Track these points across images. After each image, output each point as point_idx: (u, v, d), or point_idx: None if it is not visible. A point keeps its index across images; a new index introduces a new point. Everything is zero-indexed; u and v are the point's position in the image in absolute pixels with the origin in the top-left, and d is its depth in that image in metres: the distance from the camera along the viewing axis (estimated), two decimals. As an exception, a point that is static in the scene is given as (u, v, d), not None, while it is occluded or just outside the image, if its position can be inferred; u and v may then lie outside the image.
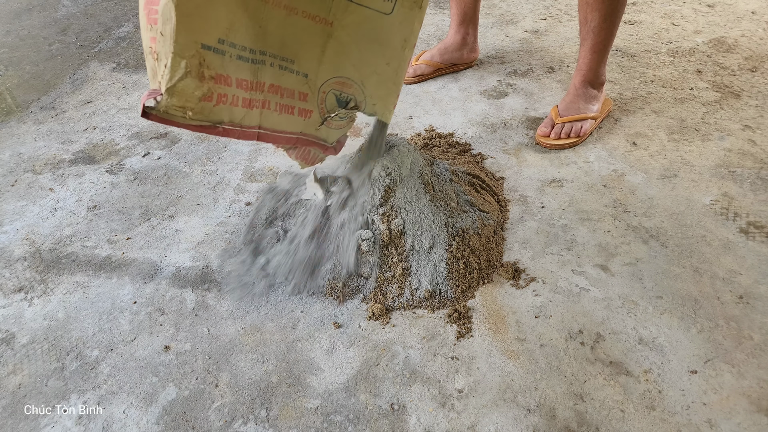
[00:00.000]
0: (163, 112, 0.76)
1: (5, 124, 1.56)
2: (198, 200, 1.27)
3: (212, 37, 0.74)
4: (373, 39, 0.87)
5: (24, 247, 1.17)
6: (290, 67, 0.85)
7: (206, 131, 0.81)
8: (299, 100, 0.89)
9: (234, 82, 0.80)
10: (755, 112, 1.45)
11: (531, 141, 1.40)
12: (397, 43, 0.86)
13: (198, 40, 0.73)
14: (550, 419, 0.83)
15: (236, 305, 1.02)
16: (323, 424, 0.84)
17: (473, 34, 1.64)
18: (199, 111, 0.78)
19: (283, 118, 0.89)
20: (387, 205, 1.05)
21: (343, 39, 0.86)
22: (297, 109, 0.90)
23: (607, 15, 1.24)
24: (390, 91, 0.93)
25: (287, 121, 0.90)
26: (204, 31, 0.73)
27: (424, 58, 1.65)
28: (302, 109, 0.91)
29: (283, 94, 0.87)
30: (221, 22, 0.74)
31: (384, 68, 0.89)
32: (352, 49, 0.88)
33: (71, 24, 2.11)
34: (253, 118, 0.86)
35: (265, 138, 0.89)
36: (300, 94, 0.89)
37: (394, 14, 0.84)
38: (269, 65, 0.83)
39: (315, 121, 0.93)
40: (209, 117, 0.80)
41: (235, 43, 0.77)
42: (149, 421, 0.85)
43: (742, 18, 1.88)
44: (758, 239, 1.09)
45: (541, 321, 0.97)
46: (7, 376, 0.93)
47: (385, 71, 0.90)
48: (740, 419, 0.82)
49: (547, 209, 1.20)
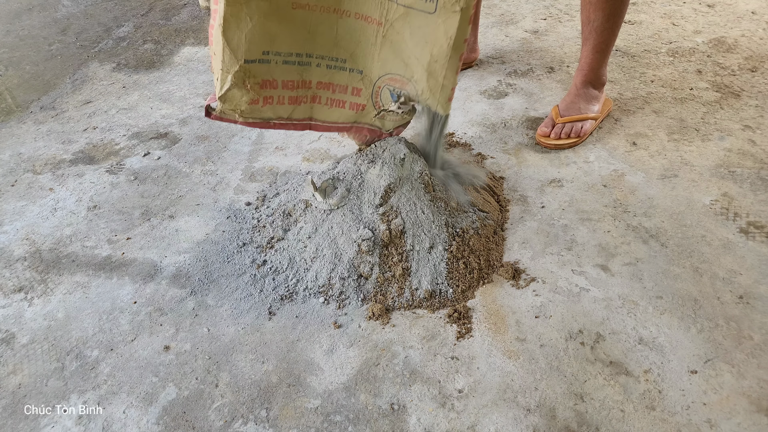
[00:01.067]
0: (219, 113, 0.94)
1: (5, 124, 1.56)
2: (198, 200, 1.27)
3: (256, 53, 0.89)
4: (420, 37, 0.91)
5: (24, 247, 1.17)
6: (342, 65, 0.96)
7: (260, 126, 0.99)
8: (352, 95, 1.00)
9: (280, 84, 0.95)
10: (755, 112, 1.45)
11: (531, 141, 1.40)
12: (443, 41, 0.90)
13: (242, 58, 0.88)
14: (550, 419, 0.83)
15: (236, 305, 1.02)
16: (323, 424, 0.84)
17: (473, 34, 1.64)
18: (249, 112, 0.95)
19: (334, 111, 1.01)
20: (387, 205, 1.05)
21: (393, 38, 0.93)
22: (348, 104, 1.01)
23: (610, 14, 1.24)
24: (440, 86, 0.96)
25: (338, 113, 1.02)
26: (247, 50, 0.88)
27: None
28: (354, 104, 1.01)
29: (335, 89, 0.99)
30: (264, 39, 0.89)
31: (433, 65, 0.93)
32: (402, 47, 0.93)
33: (71, 24, 2.11)
34: (303, 111, 1.00)
35: (318, 128, 1.03)
36: (353, 90, 0.99)
37: (438, 13, 0.88)
38: (315, 66, 0.96)
39: (369, 114, 1.02)
40: (259, 115, 0.97)
41: (280, 51, 0.92)
42: (149, 421, 0.85)
43: (742, 18, 1.88)
44: (758, 239, 1.09)
45: (541, 321, 0.97)
46: (7, 376, 0.93)
47: (434, 68, 0.93)
48: (740, 419, 0.82)
49: (547, 209, 1.20)
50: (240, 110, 0.94)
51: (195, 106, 1.60)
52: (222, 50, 0.88)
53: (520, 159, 1.35)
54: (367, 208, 1.05)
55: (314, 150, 1.40)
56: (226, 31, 0.86)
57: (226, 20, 0.85)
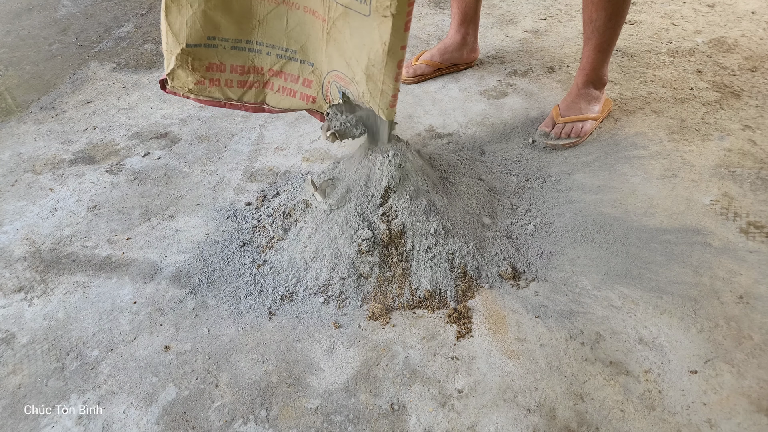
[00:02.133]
0: (171, 88, 1.01)
1: (5, 124, 1.56)
2: (198, 200, 1.27)
3: (200, 38, 0.95)
4: (358, 39, 0.90)
5: (24, 247, 1.17)
6: (293, 56, 0.98)
7: (213, 105, 1.04)
8: (303, 86, 1.01)
9: (228, 68, 0.99)
10: (755, 112, 1.44)
11: (532, 141, 1.40)
12: (378, 45, 0.87)
13: (183, 41, 0.94)
14: (550, 419, 0.83)
15: (236, 305, 1.02)
16: (323, 424, 0.84)
17: (473, 34, 1.64)
18: (197, 91, 1.01)
19: (286, 99, 1.03)
20: (387, 205, 1.05)
21: (336, 36, 0.92)
22: (299, 94, 1.02)
23: (612, 14, 1.24)
24: (380, 90, 0.94)
25: (289, 101, 1.03)
26: (189, 35, 0.94)
27: (424, 58, 1.64)
28: (305, 94, 1.02)
29: (287, 78, 1.01)
30: (209, 25, 0.94)
31: (371, 69, 0.91)
32: (343, 47, 0.92)
33: (71, 24, 2.11)
34: (255, 95, 1.03)
35: (272, 111, 1.06)
36: (305, 81, 1.01)
37: (372, 17, 0.86)
38: (266, 54, 0.98)
39: (320, 105, 1.03)
40: (208, 95, 1.02)
41: (227, 38, 0.96)
42: (149, 421, 0.85)
43: (742, 18, 1.88)
44: (758, 239, 1.09)
45: (541, 321, 0.97)
46: (7, 376, 0.93)
47: (372, 72, 0.91)
48: (740, 419, 0.82)
49: (548, 209, 1.20)
50: (188, 88, 1.00)
51: (195, 106, 1.60)
52: (165, 33, 0.94)
53: (520, 159, 1.35)
54: (367, 208, 1.05)
55: (314, 150, 1.40)
56: (168, 16, 0.92)
57: (167, 6, 0.91)
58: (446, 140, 1.42)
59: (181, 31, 0.94)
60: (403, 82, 1.62)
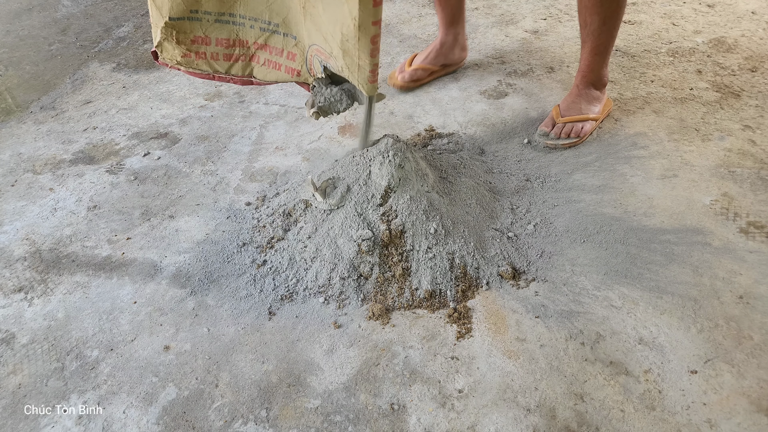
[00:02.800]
0: (162, 60, 1.03)
1: (5, 124, 1.56)
2: (198, 200, 1.27)
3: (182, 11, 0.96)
4: (330, 14, 0.89)
5: (24, 247, 1.17)
6: (276, 29, 0.98)
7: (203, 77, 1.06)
8: (287, 59, 1.01)
9: (213, 41, 1.01)
10: (755, 112, 1.44)
11: (532, 141, 1.40)
12: (349, 21, 0.86)
13: (166, 15, 0.96)
14: (550, 419, 0.83)
15: (236, 305, 1.02)
16: (323, 424, 0.84)
17: (463, 33, 1.63)
18: (185, 63, 1.03)
19: (272, 72, 1.04)
20: (387, 205, 1.05)
21: (311, 11, 0.92)
22: (284, 67, 1.02)
23: (606, 18, 1.24)
24: (357, 65, 0.92)
25: (275, 74, 1.04)
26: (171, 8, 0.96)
27: (418, 63, 1.61)
28: (289, 68, 1.02)
29: (272, 51, 1.01)
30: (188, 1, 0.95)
31: (345, 44, 0.90)
32: (319, 21, 0.92)
33: (71, 24, 2.11)
34: (242, 69, 1.04)
35: (260, 84, 1.07)
36: (289, 54, 1.01)
37: None
38: (249, 27, 0.99)
39: (305, 78, 1.03)
40: (196, 67, 1.04)
41: (209, 11, 0.97)
42: (149, 421, 0.85)
43: (742, 18, 1.88)
44: (758, 239, 1.09)
45: (541, 321, 0.97)
46: (7, 376, 0.93)
47: (347, 47, 0.91)
48: (740, 419, 0.82)
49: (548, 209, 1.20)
50: (176, 60, 1.03)
51: (195, 106, 1.60)
52: (150, 6, 0.97)
53: (520, 159, 1.35)
54: (367, 208, 1.05)
55: (314, 150, 1.40)
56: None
57: None
58: (446, 140, 1.42)
59: (164, 5, 0.96)
60: (400, 88, 1.60)
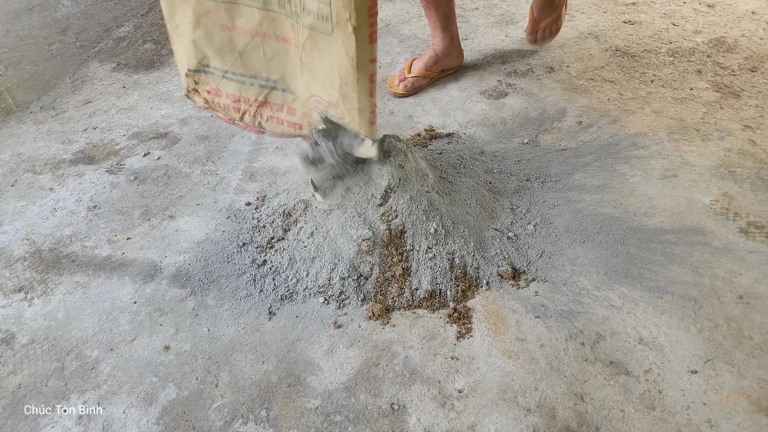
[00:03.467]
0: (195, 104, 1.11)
1: (5, 124, 1.56)
2: (198, 200, 1.27)
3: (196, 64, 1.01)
4: (326, 60, 0.88)
5: (24, 247, 1.17)
6: (275, 86, 0.99)
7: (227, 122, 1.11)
8: (288, 114, 1.02)
9: (224, 95, 1.04)
10: (755, 112, 1.44)
11: (532, 140, 1.40)
12: (346, 63, 0.86)
13: (185, 67, 1.03)
14: (550, 419, 0.83)
15: (236, 305, 1.02)
16: (323, 424, 0.84)
17: (457, 35, 1.63)
18: (211, 109, 1.09)
19: (277, 127, 1.05)
20: (387, 205, 1.05)
21: (307, 61, 0.91)
22: (287, 122, 1.03)
23: None
24: (357, 110, 0.92)
25: (281, 129, 1.05)
26: (188, 61, 1.01)
27: (417, 70, 1.60)
28: (291, 122, 1.03)
29: (272, 108, 1.03)
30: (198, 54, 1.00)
31: (344, 89, 0.89)
32: (315, 70, 0.92)
33: (71, 24, 2.11)
34: (252, 121, 1.06)
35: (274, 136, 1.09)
36: (288, 109, 1.01)
37: (335, 34, 0.84)
38: (249, 85, 1.01)
39: (309, 132, 1.03)
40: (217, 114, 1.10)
41: (217, 66, 1.01)
42: (149, 421, 0.85)
43: (742, 18, 1.88)
44: (758, 239, 1.09)
45: (541, 321, 0.97)
46: (7, 376, 0.93)
47: (346, 91, 0.90)
48: (740, 419, 0.82)
49: (548, 209, 1.20)
50: (203, 106, 1.08)
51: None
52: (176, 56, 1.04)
53: (520, 159, 1.35)
54: (367, 208, 1.05)
55: (314, 150, 1.40)
56: (173, 44, 1.02)
57: (170, 33, 1.00)
58: (446, 140, 1.42)
59: (182, 57, 1.01)
60: (400, 96, 1.60)
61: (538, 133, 1.43)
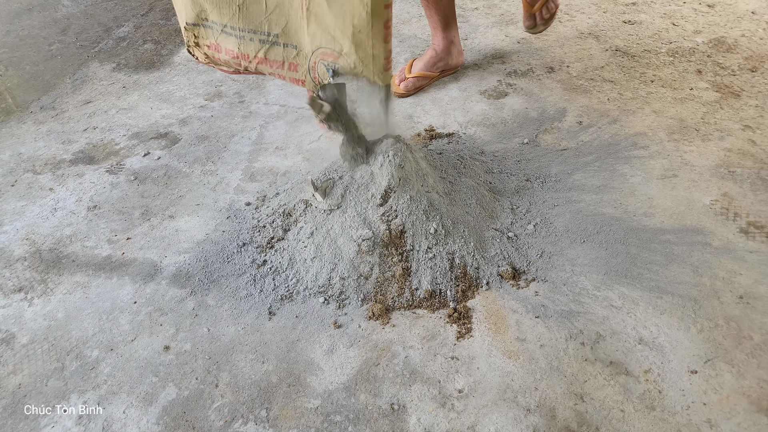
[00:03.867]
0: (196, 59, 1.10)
1: (5, 124, 1.56)
2: (198, 200, 1.27)
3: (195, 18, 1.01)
4: (338, 8, 0.88)
5: (24, 247, 1.17)
6: (276, 40, 0.97)
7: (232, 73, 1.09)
8: (289, 71, 1.01)
9: (223, 51, 1.03)
10: (755, 112, 1.44)
11: (532, 140, 1.40)
12: (360, 9, 0.85)
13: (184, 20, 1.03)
14: (550, 419, 0.83)
15: (236, 305, 1.02)
16: (323, 424, 0.84)
17: (457, 36, 1.63)
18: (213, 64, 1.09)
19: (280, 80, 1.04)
20: (387, 205, 1.05)
21: (315, 11, 0.90)
22: (288, 79, 1.02)
23: None
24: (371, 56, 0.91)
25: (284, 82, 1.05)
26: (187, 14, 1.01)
27: (417, 70, 1.60)
28: (293, 79, 1.02)
29: (272, 65, 1.01)
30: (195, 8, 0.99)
31: (358, 36, 0.89)
32: (325, 20, 0.90)
33: (71, 24, 2.11)
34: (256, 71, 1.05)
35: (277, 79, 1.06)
36: (290, 65, 1.00)
37: None
38: (249, 40, 0.99)
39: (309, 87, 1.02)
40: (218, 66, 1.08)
41: (215, 20, 1.00)
42: (149, 421, 0.85)
43: (742, 18, 1.88)
44: (758, 239, 1.09)
45: (541, 321, 0.97)
46: (7, 376, 0.93)
47: (360, 39, 0.89)
48: (740, 419, 0.82)
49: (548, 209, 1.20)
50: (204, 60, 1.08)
51: (195, 106, 1.60)
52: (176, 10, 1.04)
53: (520, 159, 1.35)
54: (367, 208, 1.05)
55: (314, 150, 1.40)
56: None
57: None
58: (446, 140, 1.42)
59: (181, 11, 1.01)
60: (401, 96, 1.60)
61: (538, 133, 1.43)
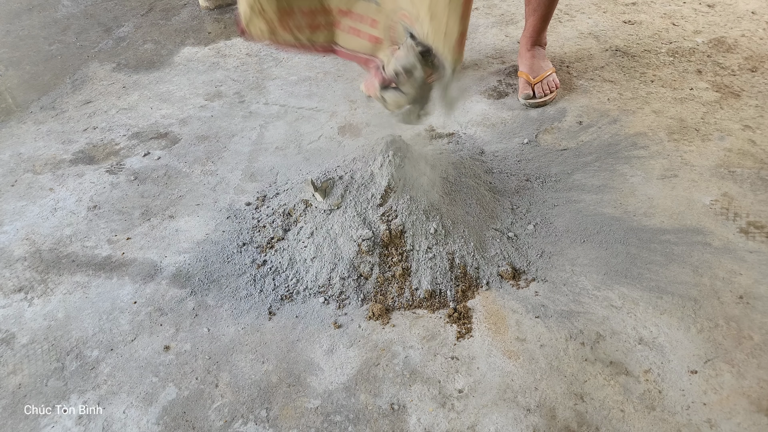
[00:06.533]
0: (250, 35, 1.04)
1: (5, 124, 1.56)
2: (198, 200, 1.27)
3: None
4: None
5: (24, 247, 1.17)
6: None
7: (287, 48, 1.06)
8: (369, 26, 1.00)
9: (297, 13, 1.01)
10: (755, 112, 1.44)
11: (532, 140, 1.40)
12: None
13: None
14: (550, 419, 0.83)
15: (236, 305, 1.02)
16: (323, 424, 0.84)
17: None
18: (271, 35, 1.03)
19: (354, 39, 1.03)
20: (387, 205, 1.05)
21: None
22: (367, 35, 1.01)
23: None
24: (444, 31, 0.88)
25: (357, 42, 1.03)
26: None
27: None
28: (371, 35, 1.01)
29: (354, 18, 1.00)
30: None
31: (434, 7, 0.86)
32: None
33: (71, 24, 2.11)
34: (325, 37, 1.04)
35: (342, 54, 1.06)
36: (371, 21, 0.99)
37: None
38: None
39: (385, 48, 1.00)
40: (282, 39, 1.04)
41: None
42: (149, 421, 0.85)
43: (742, 18, 1.88)
44: (758, 239, 1.09)
45: (541, 321, 0.97)
46: (7, 376, 0.93)
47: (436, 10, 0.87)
48: (740, 419, 0.82)
49: (548, 209, 1.20)
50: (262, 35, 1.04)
51: (195, 106, 1.60)
52: None
53: (521, 159, 1.35)
54: (367, 208, 1.05)
55: (314, 150, 1.40)
56: None
57: None
58: (446, 140, 1.42)
59: None
60: None
61: (538, 133, 1.43)
